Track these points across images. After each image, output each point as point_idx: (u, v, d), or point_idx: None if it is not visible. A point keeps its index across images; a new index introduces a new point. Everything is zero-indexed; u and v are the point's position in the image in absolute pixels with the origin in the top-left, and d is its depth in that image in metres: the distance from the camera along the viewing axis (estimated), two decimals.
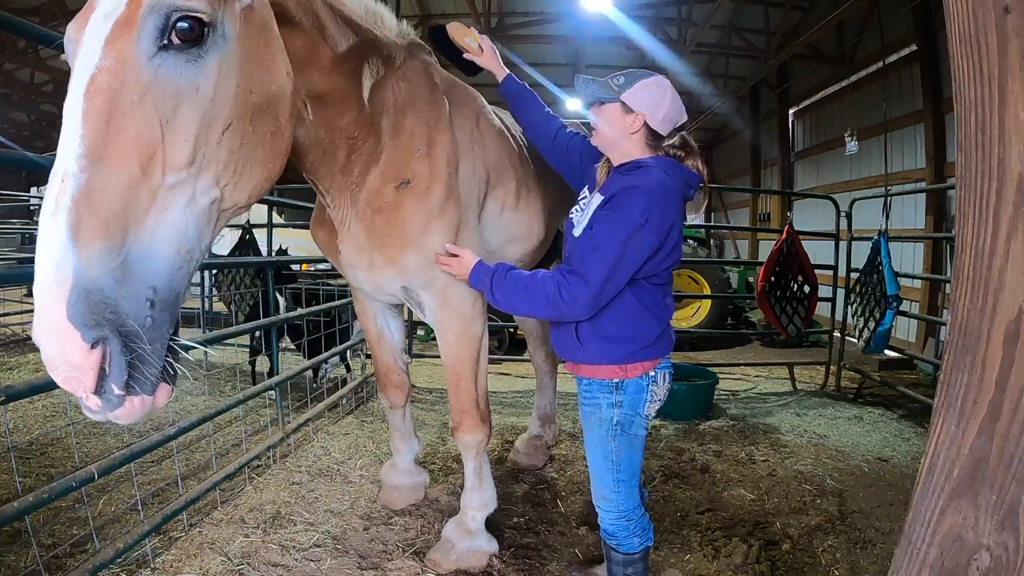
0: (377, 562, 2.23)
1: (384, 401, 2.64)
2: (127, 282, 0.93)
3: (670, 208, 1.61)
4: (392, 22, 1.91)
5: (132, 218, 0.93)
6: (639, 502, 1.84)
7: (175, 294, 1.00)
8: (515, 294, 1.67)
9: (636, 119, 1.66)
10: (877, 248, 4.18)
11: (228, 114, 1.05)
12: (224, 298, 5.22)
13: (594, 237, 1.61)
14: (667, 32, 9.64)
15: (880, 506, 2.82)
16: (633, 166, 1.68)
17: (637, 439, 1.79)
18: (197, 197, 1.02)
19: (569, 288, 1.59)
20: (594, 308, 1.62)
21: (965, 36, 0.68)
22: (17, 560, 2.10)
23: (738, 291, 8.03)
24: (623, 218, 1.57)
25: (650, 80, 1.69)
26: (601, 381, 1.75)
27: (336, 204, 1.92)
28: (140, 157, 0.94)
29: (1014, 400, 0.66)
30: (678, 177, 1.68)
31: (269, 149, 1.17)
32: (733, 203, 15.72)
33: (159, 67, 0.97)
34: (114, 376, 0.91)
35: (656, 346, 1.74)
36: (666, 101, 1.67)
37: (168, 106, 0.97)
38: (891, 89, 7.69)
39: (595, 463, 1.82)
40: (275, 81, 1.19)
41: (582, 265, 1.60)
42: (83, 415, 0.97)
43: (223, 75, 1.04)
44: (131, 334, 0.92)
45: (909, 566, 0.76)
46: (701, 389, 4.21)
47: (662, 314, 1.75)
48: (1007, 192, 0.65)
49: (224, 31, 1.05)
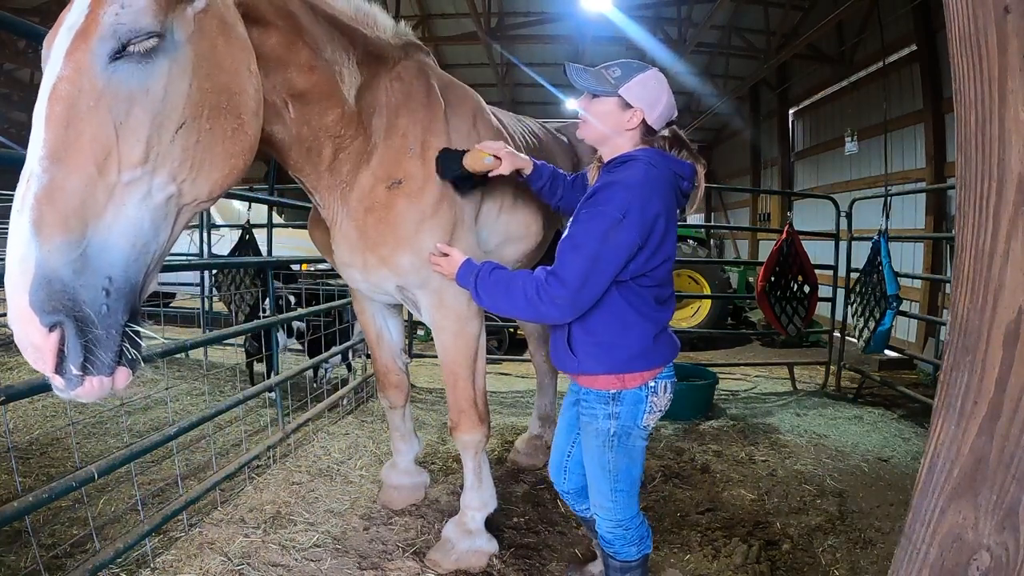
0: (377, 562, 2.23)
1: (384, 401, 2.65)
2: (86, 272, 1.00)
3: (653, 200, 1.52)
4: (387, 23, 1.91)
5: (91, 213, 1.01)
6: (637, 511, 1.80)
7: (131, 284, 1.07)
8: (497, 293, 1.61)
9: (634, 115, 1.60)
10: (877, 248, 4.18)
11: (181, 114, 1.11)
12: (224, 298, 5.22)
13: (572, 236, 1.55)
14: (667, 32, 9.64)
15: (880, 506, 2.82)
16: (619, 162, 1.62)
17: (635, 451, 1.72)
18: (153, 193, 1.09)
19: (547, 289, 1.52)
20: (575, 310, 1.54)
21: (965, 36, 0.68)
22: (17, 560, 2.10)
23: (738, 291, 8.03)
24: (599, 214, 1.50)
25: (648, 74, 1.62)
26: (598, 392, 1.68)
27: (326, 203, 1.92)
28: (96, 157, 1.01)
29: (1014, 400, 0.66)
30: (665, 167, 1.60)
31: (230, 145, 1.22)
32: (733, 203, 15.72)
33: (112, 74, 1.04)
34: (71, 357, 1.00)
35: (654, 354, 1.65)
36: (664, 97, 1.61)
37: (121, 109, 1.04)
38: (891, 89, 7.69)
39: (592, 472, 1.77)
40: (235, 79, 1.23)
41: (560, 265, 1.53)
42: (83, 415, 1.01)
43: (174, 77, 1.10)
44: (86, 320, 1.00)
45: (909, 566, 0.76)
46: (701, 389, 4.21)
47: (658, 317, 1.66)
48: (1007, 192, 0.65)
49: (174, 36, 1.11)
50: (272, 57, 1.45)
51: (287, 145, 1.66)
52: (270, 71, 1.47)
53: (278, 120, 1.58)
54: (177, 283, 7.61)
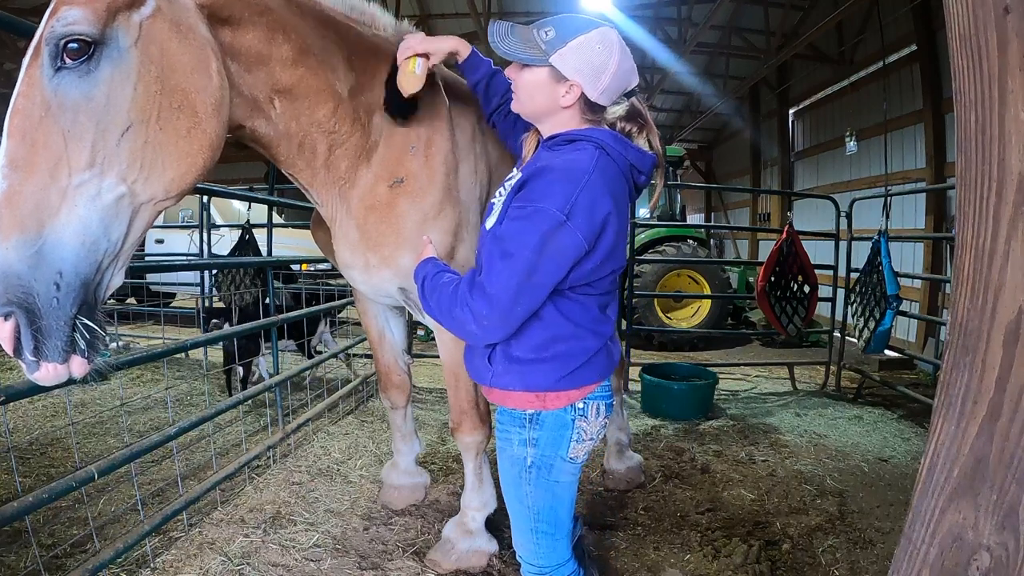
0: (377, 562, 2.23)
1: (385, 402, 2.65)
2: (40, 267, 1.09)
3: (602, 198, 1.22)
4: (387, 20, 1.90)
5: (46, 215, 1.10)
6: (568, 559, 1.48)
7: (80, 279, 1.14)
8: (432, 303, 1.34)
9: (570, 89, 1.28)
10: (877, 248, 4.18)
11: (126, 118, 1.16)
12: (224, 299, 5.22)
13: (502, 239, 1.23)
14: (667, 32, 9.64)
15: (880, 506, 2.82)
16: (564, 140, 1.31)
17: (561, 486, 1.40)
18: (103, 193, 1.15)
19: (472, 306, 1.23)
20: (504, 331, 1.27)
21: (965, 36, 0.68)
22: (17, 560, 2.10)
23: (738, 291, 8.03)
24: (536, 213, 1.19)
25: (591, 36, 1.26)
26: (512, 411, 1.39)
27: (324, 201, 1.90)
28: (48, 163, 1.10)
29: (1014, 400, 0.66)
30: (619, 156, 1.29)
31: (185, 145, 1.26)
32: (733, 203, 15.72)
33: (58, 85, 1.12)
34: (25, 344, 1.10)
35: (586, 369, 1.34)
36: (611, 64, 1.26)
37: (68, 117, 1.12)
38: (891, 89, 7.69)
39: (510, 506, 1.48)
40: (192, 79, 1.26)
41: (487, 275, 1.22)
42: (83, 415, 1.03)
43: (117, 83, 1.16)
44: (34, 311, 1.10)
45: (909, 566, 0.76)
46: (701, 389, 4.21)
47: (599, 329, 1.36)
48: (1007, 192, 0.65)
49: (118, 43, 1.16)
50: (251, 53, 1.46)
51: (273, 141, 1.65)
52: (251, 67, 1.48)
53: (260, 115, 1.57)
54: (177, 283, 7.61)
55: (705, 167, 17.20)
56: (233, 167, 13.27)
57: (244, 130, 1.57)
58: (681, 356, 6.66)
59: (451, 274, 1.39)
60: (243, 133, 1.58)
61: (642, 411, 4.25)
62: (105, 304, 1.27)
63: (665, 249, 7.33)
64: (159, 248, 8.07)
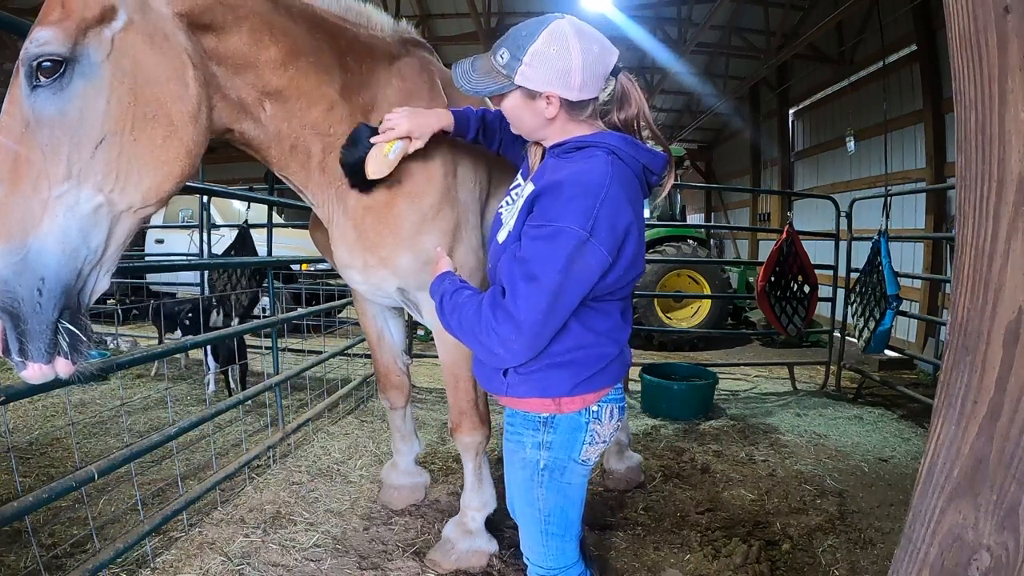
0: (377, 562, 2.23)
1: (385, 402, 2.64)
2: (24, 274, 1.15)
3: (623, 208, 1.19)
4: (384, 20, 1.90)
5: (30, 225, 1.15)
6: (576, 560, 1.48)
7: (62, 285, 1.19)
8: (453, 320, 1.32)
9: (548, 101, 1.25)
10: (877, 248, 4.18)
11: (99, 131, 1.20)
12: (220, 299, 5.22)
13: (525, 260, 1.19)
14: (667, 32, 9.63)
15: (880, 506, 2.82)
16: (573, 146, 1.28)
17: (572, 488, 1.41)
18: (80, 204, 1.19)
19: (499, 331, 1.21)
20: (533, 352, 1.25)
21: (965, 36, 0.68)
22: (17, 560, 2.10)
23: (738, 291, 8.03)
24: (558, 233, 1.16)
25: (541, 41, 1.22)
26: (526, 414, 1.39)
27: (319, 202, 1.89)
28: (30, 177, 1.15)
29: (1014, 400, 0.66)
30: (631, 159, 1.26)
31: (161, 153, 1.29)
32: (733, 203, 15.72)
33: (35, 102, 1.17)
34: (11, 346, 1.17)
35: (603, 374, 1.35)
36: (574, 60, 1.21)
37: (44, 133, 1.17)
38: (891, 89, 7.69)
39: (520, 509, 1.47)
40: (167, 88, 1.29)
41: (512, 301, 1.19)
42: (83, 415, 1.06)
43: (89, 98, 1.19)
44: (18, 315, 1.15)
45: (909, 566, 0.76)
46: (701, 389, 4.21)
47: (618, 337, 1.36)
48: (1007, 192, 0.65)
49: (90, 59, 1.20)
50: (237, 57, 1.46)
51: (264, 143, 1.64)
52: (238, 71, 1.48)
53: (248, 118, 1.56)
54: (177, 283, 7.61)
55: (705, 167, 17.20)
56: (233, 167, 13.26)
57: (233, 133, 1.56)
58: (681, 356, 6.66)
59: (470, 291, 1.37)
60: (232, 137, 1.57)
61: (642, 411, 4.25)
62: (104, 305, 1.31)
63: (665, 249, 7.33)
64: (159, 248, 8.07)
